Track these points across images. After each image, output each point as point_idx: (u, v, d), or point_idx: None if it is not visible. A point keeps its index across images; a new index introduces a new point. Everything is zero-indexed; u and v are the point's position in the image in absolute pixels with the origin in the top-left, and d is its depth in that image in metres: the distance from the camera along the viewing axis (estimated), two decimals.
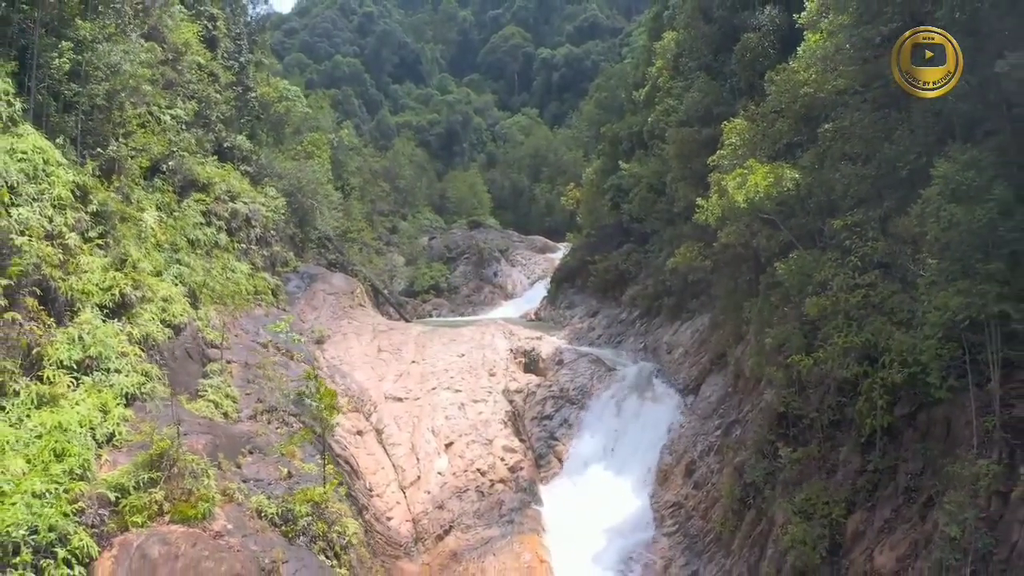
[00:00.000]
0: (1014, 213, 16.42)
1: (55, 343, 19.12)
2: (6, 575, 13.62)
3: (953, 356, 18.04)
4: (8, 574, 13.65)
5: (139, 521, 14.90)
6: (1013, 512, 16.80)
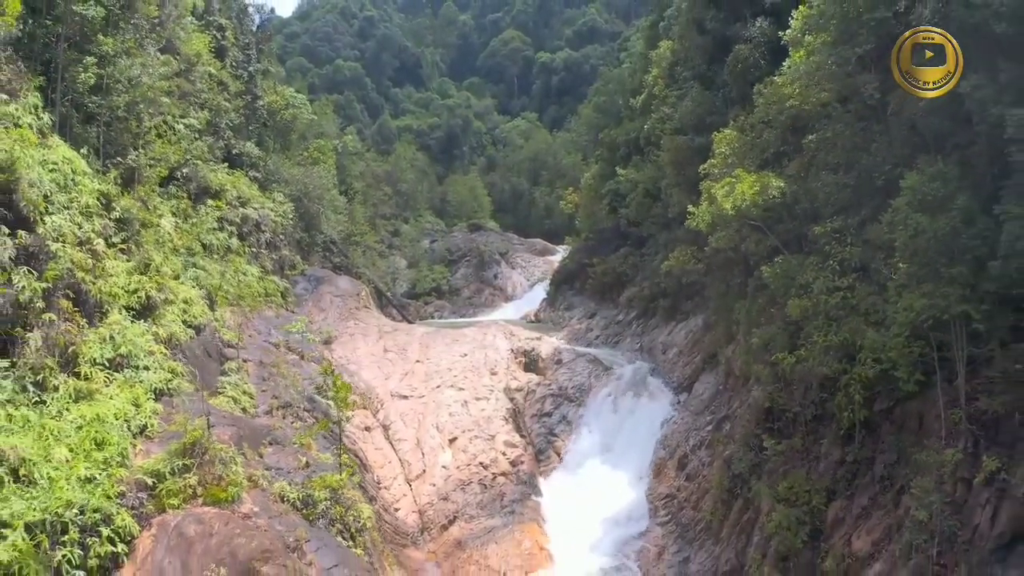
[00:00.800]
0: (976, 222, 17.88)
1: (88, 342, 20.55)
2: (56, 552, 15.06)
3: (922, 353, 19.53)
4: (58, 551, 15.10)
5: (175, 503, 16.35)
6: (976, 497, 18.25)
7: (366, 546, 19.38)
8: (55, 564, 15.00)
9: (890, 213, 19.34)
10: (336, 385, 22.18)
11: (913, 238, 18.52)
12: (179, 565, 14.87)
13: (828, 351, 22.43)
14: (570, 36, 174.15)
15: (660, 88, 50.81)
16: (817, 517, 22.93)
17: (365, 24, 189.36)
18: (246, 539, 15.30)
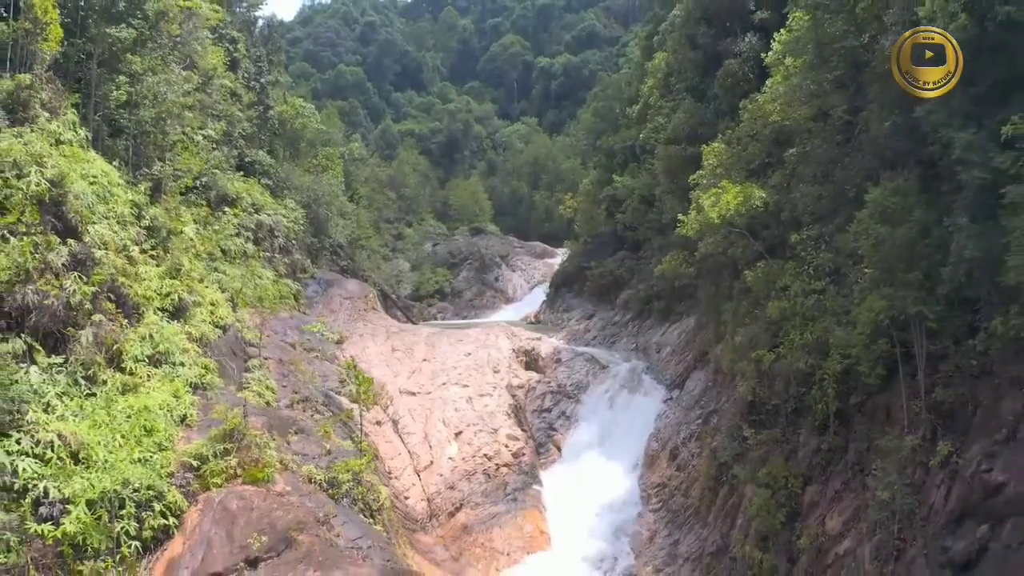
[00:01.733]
0: (931, 232, 19.95)
1: (130, 340, 22.63)
2: (116, 524, 17.15)
3: (886, 350, 21.61)
4: (117, 523, 17.18)
5: (218, 482, 18.43)
6: (932, 479, 20.30)
7: (384, 523, 21.53)
8: (115, 535, 17.09)
9: (856, 223, 21.45)
10: (359, 379, 24.33)
11: (875, 246, 20.63)
12: (224, 534, 16.95)
13: (803, 348, 24.54)
14: (569, 41, 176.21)
15: (655, 99, 52.88)
16: (794, 500, 25.02)
17: (367, 29, 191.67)
18: (283, 512, 17.39)
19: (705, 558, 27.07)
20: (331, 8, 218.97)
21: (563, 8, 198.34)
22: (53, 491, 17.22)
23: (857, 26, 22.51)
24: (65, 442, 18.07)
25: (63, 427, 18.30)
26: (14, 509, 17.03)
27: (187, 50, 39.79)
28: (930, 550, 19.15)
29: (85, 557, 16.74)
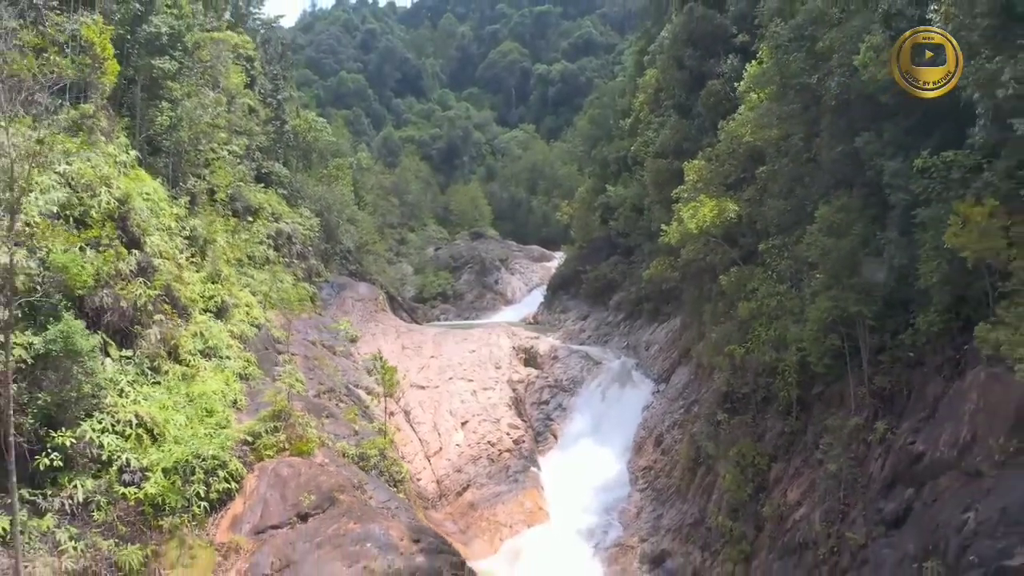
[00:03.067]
0: (870, 244, 23.57)
1: (184, 337, 26.19)
2: (188, 488, 20.72)
3: (834, 345, 25.21)
4: (189, 487, 20.75)
5: (270, 454, 21.96)
6: (871, 452, 23.89)
7: (407, 492, 25.09)
8: (187, 496, 20.67)
9: (808, 235, 25.09)
10: (383, 369, 27.94)
11: (824, 255, 24.27)
12: (278, 495, 20.52)
13: (768, 344, 28.15)
14: (566, 48, 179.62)
15: (645, 113, 56.55)
16: (761, 476, 28.63)
17: (367, 37, 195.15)
18: (326, 477, 20.96)
19: (685, 528, 30.66)
20: (332, 15, 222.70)
21: (560, 15, 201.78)
22: (134, 461, 20.80)
23: (812, 65, 26.10)
24: (141, 421, 21.61)
25: (138, 409, 21.85)
26: (102, 476, 20.58)
27: (213, 72, 43.32)
28: (867, 511, 22.76)
29: (163, 514, 20.30)
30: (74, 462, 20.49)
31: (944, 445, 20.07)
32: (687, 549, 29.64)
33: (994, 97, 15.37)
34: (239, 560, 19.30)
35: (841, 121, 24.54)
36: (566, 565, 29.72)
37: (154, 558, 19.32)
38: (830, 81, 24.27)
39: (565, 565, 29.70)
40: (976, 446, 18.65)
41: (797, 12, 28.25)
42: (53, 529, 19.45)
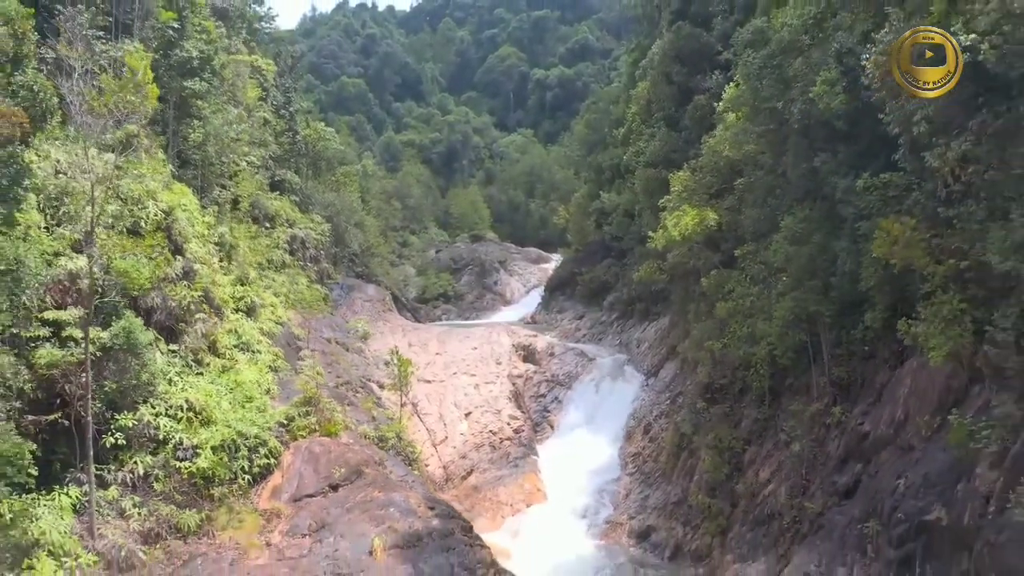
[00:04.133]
0: (827, 251, 26.81)
1: (221, 333, 29.38)
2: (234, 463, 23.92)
3: (798, 340, 28.48)
4: (235, 462, 23.95)
5: (303, 434, 25.16)
6: (829, 434, 27.16)
7: (420, 470, 28.32)
8: (233, 470, 23.88)
9: (774, 243, 28.36)
10: (400, 361, 31.18)
11: (788, 261, 27.56)
12: (312, 469, 23.75)
13: (742, 340, 31.40)
14: (563, 53, 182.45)
15: (637, 124, 59.79)
16: (737, 459, 31.88)
17: (367, 42, 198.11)
18: (352, 454, 24.20)
19: (668, 507, 33.91)
20: (332, 20, 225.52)
21: (558, 20, 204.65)
22: (186, 440, 24.00)
23: (780, 91, 29.33)
24: (191, 406, 24.81)
25: (187, 395, 25.06)
26: (159, 453, 23.78)
27: (233, 89, 46.53)
28: (824, 485, 26.05)
29: (213, 485, 23.51)
30: (134, 441, 23.67)
31: (884, 425, 23.41)
32: (670, 524, 32.87)
33: (911, 132, 18.60)
34: (281, 523, 22.48)
35: (803, 142, 27.79)
36: (562, 540, 32.88)
37: (207, 521, 22.53)
38: (793, 107, 27.52)
39: (561, 540, 32.86)
40: (908, 424, 21.98)
41: (769, 41, 31.50)
42: (118, 498, 22.64)
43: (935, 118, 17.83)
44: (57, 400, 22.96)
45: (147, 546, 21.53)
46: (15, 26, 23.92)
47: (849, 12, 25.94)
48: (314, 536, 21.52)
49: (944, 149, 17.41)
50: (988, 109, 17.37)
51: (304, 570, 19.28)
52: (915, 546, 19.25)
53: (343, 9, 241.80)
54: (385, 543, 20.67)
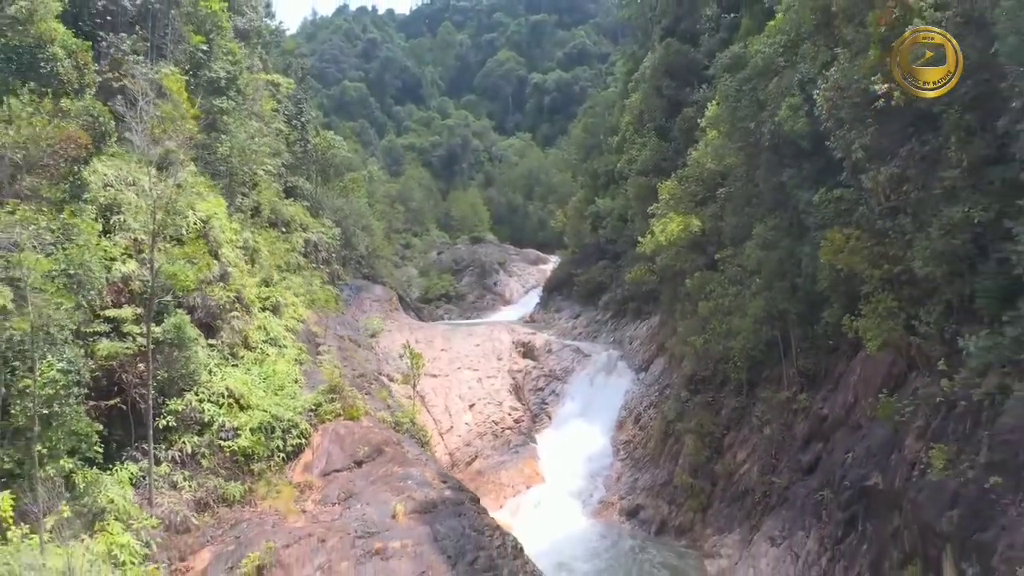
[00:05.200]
0: (793, 256, 30.14)
1: (252, 329, 32.65)
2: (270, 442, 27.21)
3: (770, 335, 31.83)
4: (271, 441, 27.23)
5: (330, 418, 28.44)
6: (795, 418, 30.50)
7: (431, 451, 31.62)
8: (270, 449, 27.17)
9: (747, 249, 31.72)
10: (412, 355, 34.50)
11: (760, 264, 30.90)
12: (338, 448, 27.03)
13: (721, 335, 34.75)
14: (561, 58, 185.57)
15: (630, 133, 63.11)
16: (717, 443, 35.23)
17: (368, 46, 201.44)
18: (373, 435, 27.50)
19: (656, 487, 37.22)
20: (333, 24, 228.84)
21: (555, 24, 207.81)
22: (227, 423, 27.26)
23: (753, 112, 32.65)
24: (230, 393, 28.09)
25: (227, 384, 28.34)
26: (204, 434, 27.03)
27: (252, 103, 49.75)
28: (791, 463, 29.40)
29: (253, 462, 26.80)
30: (182, 424, 26.96)
31: (839, 408, 26.81)
32: (657, 503, 36.20)
33: (851, 157, 21.95)
34: (313, 493, 25.75)
35: (773, 158, 31.12)
36: (559, 518, 36.18)
37: (249, 492, 25.80)
38: (764, 127, 30.86)
39: (558, 518, 36.17)
40: (857, 407, 25.36)
41: (745, 66, 34.84)
42: (169, 473, 25.92)
43: (871, 146, 21.19)
44: (115, 387, 26.26)
45: (198, 513, 24.81)
46: (77, 58, 27.16)
47: (812, 44, 29.22)
48: (343, 504, 24.80)
49: (876, 172, 20.75)
50: (916, 138, 20.73)
51: (338, 529, 22.53)
52: (858, 508, 22.63)
53: (344, 13, 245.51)
54: (405, 508, 23.95)
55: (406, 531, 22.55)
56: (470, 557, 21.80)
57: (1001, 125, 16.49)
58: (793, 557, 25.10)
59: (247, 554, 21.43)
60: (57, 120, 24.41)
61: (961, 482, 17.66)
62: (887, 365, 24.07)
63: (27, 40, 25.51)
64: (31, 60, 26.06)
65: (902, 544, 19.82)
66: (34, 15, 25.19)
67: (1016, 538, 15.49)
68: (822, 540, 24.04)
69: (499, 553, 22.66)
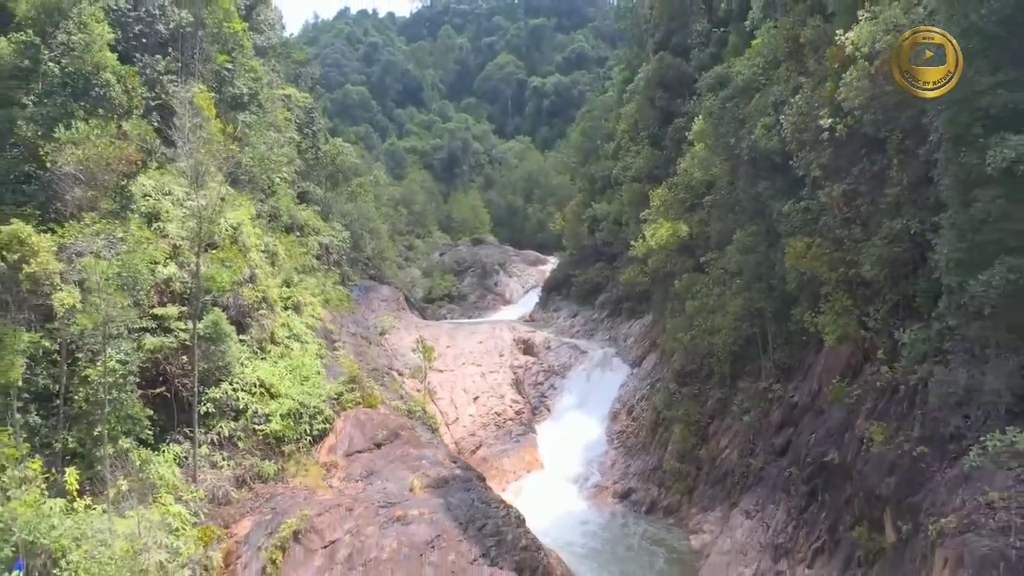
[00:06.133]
0: (768, 260, 33.32)
1: (277, 326, 35.79)
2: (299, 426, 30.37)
3: (749, 331, 35.03)
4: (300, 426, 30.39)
5: (350, 406, 31.58)
6: (771, 407, 33.68)
7: (440, 436, 34.80)
8: (298, 433, 30.32)
9: (729, 252, 34.91)
10: (425, 348, 37.70)
11: (739, 267, 34.10)
12: (359, 432, 30.19)
13: (706, 332, 37.94)
14: (560, 62, 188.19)
15: (625, 141, 66.30)
16: (703, 431, 38.43)
17: (370, 49, 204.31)
18: (390, 421, 30.69)
19: (647, 472, 40.41)
20: (334, 27, 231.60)
21: (554, 28, 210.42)
22: (260, 409, 30.39)
23: (734, 129, 35.86)
24: (261, 383, 31.24)
25: (258, 375, 31.48)
26: (240, 419, 30.16)
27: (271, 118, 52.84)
28: (766, 446, 32.58)
29: (283, 444, 29.94)
30: (219, 410, 30.10)
31: (806, 395, 30.03)
32: (647, 486, 39.37)
33: (810, 175, 25.15)
34: (338, 471, 28.90)
35: (751, 171, 34.33)
36: (557, 500, 39.35)
37: (281, 471, 28.98)
38: (743, 143, 34.06)
39: (556, 500, 39.33)
40: (820, 394, 28.56)
41: (727, 85, 38.06)
42: (209, 454, 29.05)
43: (827, 165, 24.40)
44: (160, 378, 29.39)
45: (237, 488, 27.94)
46: (126, 82, 30.31)
47: (785, 68, 32.41)
48: (365, 480, 27.94)
49: (831, 189, 23.96)
50: (867, 159, 23.94)
51: (363, 500, 25.65)
52: (818, 481, 25.84)
53: (345, 16, 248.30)
54: (421, 483, 27.11)
55: (423, 502, 25.71)
56: (479, 524, 24.97)
57: (921, 153, 19.66)
58: (764, 527, 28.29)
59: (284, 521, 24.55)
60: (118, 141, 27.53)
61: (898, 454, 20.86)
62: (846, 356, 27.27)
63: (84, 68, 28.61)
64: (85, 85, 29.16)
65: (853, 509, 23.02)
66: (91, 46, 28.28)
67: (937, 498, 18.66)
68: (789, 511, 27.24)
69: (504, 521, 25.81)
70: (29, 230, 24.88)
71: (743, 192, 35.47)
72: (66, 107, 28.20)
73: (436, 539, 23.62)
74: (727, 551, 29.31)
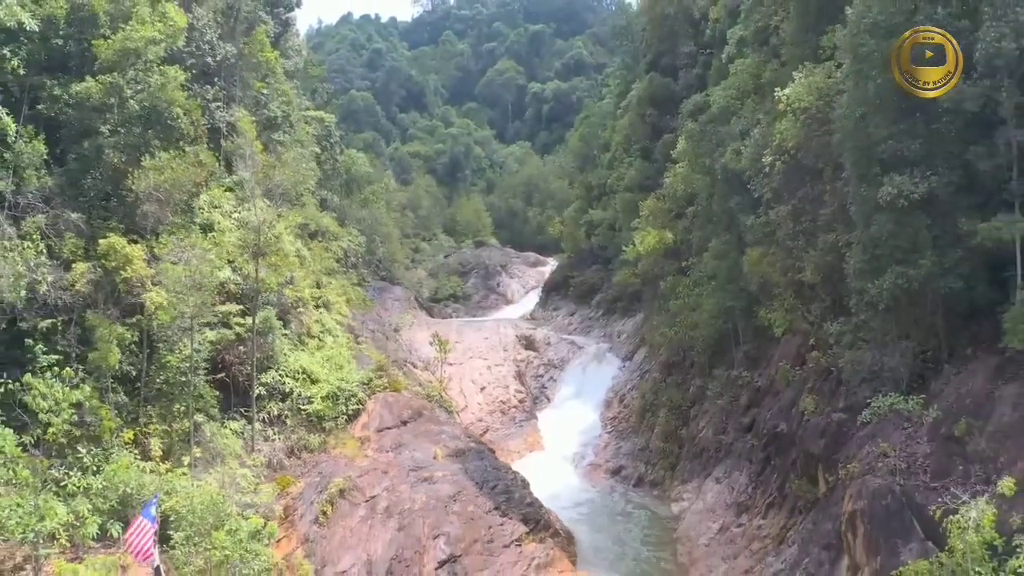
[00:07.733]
0: (737, 265, 38.60)
1: (312, 322, 41.16)
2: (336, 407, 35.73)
3: (722, 327, 40.40)
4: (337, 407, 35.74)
5: (379, 390, 36.94)
6: (740, 391, 38.97)
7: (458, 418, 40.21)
8: (336, 412, 35.69)
9: (704, 258, 40.32)
10: (440, 341, 43.13)
11: (714, 271, 39.50)
12: (388, 412, 35.58)
13: (686, 327, 43.33)
14: (559, 68, 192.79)
15: (619, 152, 71.74)
16: (684, 415, 43.80)
17: (374, 55, 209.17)
18: (414, 402, 36.12)
19: (635, 452, 45.79)
20: (339, 34, 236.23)
21: (553, 33, 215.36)
22: (303, 392, 35.78)
23: (710, 150, 41.19)
24: (303, 370, 36.62)
25: (300, 363, 36.85)
26: (287, 401, 35.53)
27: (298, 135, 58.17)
28: (735, 425, 37.93)
29: (324, 421, 35.31)
30: (269, 393, 35.47)
31: (767, 380, 35.42)
32: (636, 464, 44.74)
33: (764, 196, 30.52)
34: (371, 444, 34.25)
35: (724, 188, 39.65)
36: (555, 476, 44.68)
37: (324, 444, 34.34)
38: (717, 164, 39.41)
39: (555, 476, 44.66)
40: (776, 378, 33.92)
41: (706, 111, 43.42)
42: (263, 429, 34.43)
43: (777, 188, 29.78)
44: (220, 365, 34.72)
45: (288, 457, 33.35)
46: (191, 115, 35.66)
47: (752, 100, 37.75)
48: (395, 451, 33.30)
49: (779, 209, 29.34)
50: (809, 184, 29.32)
51: (395, 465, 31.03)
52: (772, 448, 31.23)
53: (348, 21, 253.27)
54: (443, 452, 32.52)
55: (445, 466, 31.11)
56: (492, 484, 30.36)
57: (838, 187, 25.06)
58: (730, 489, 33.69)
59: (331, 481, 29.90)
60: (192, 167, 32.93)
61: (827, 421, 26.25)
62: (796, 346, 32.65)
63: (159, 103, 33.92)
64: (158, 117, 34.48)
65: (796, 469, 28.39)
66: (167, 86, 33.61)
67: (850, 452, 24.02)
68: (749, 475, 32.65)
69: (512, 483, 31.21)
70: (123, 242, 30.27)
71: (718, 205, 40.82)
72: (143, 137, 33.51)
73: (458, 494, 29.01)
74: (699, 511, 34.72)
